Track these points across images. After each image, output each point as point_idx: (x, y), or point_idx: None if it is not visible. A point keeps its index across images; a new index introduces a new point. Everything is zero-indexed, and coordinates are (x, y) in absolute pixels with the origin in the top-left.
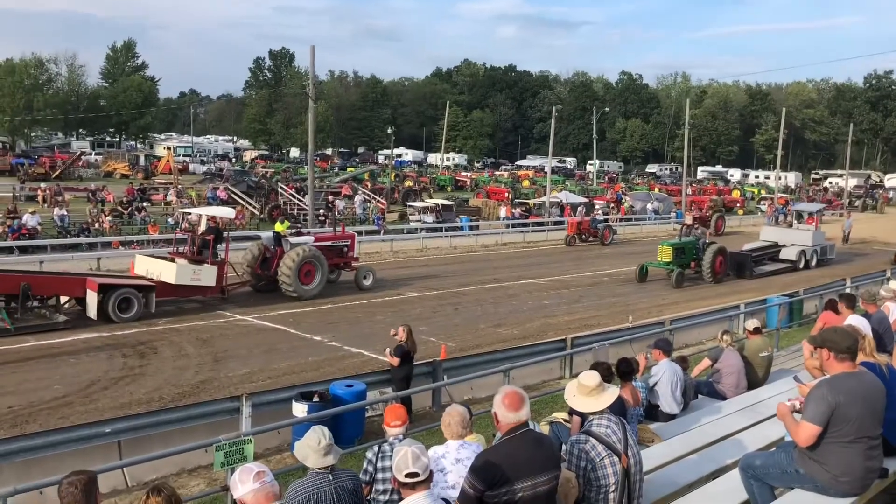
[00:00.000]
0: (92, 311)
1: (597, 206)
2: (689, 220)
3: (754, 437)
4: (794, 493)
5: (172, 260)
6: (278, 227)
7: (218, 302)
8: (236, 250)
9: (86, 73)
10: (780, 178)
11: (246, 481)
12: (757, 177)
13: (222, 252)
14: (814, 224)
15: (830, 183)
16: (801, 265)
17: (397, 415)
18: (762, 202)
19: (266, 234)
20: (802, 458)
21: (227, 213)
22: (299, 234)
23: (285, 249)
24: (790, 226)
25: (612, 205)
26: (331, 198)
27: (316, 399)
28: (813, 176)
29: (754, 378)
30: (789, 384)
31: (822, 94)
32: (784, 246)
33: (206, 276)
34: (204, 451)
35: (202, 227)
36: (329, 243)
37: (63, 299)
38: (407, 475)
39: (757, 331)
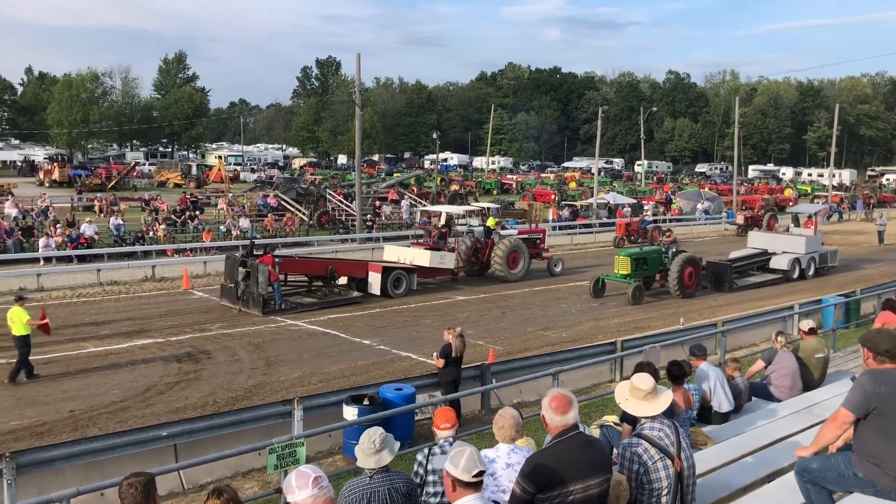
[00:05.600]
0: (375, 288)
1: (645, 207)
2: (740, 220)
3: (810, 439)
4: (853, 498)
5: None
6: (490, 222)
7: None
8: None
9: (139, 85)
10: (833, 176)
11: (304, 486)
12: (810, 174)
13: (452, 242)
14: (812, 228)
15: (887, 179)
16: (795, 275)
17: (447, 417)
18: (816, 200)
19: (478, 229)
20: (861, 461)
21: (458, 210)
22: (503, 228)
23: (495, 240)
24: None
25: (660, 205)
26: (378, 203)
27: (366, 402)
28: (869, 172)
29: (810, 380)
30: (846, 386)
31: (878, 89)
32: (774, 254)
33: (447, 260)
34: (257, 454)
35: (442, 221)
36: (526, 236)
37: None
38: (475, 475)
39: (812, 331)
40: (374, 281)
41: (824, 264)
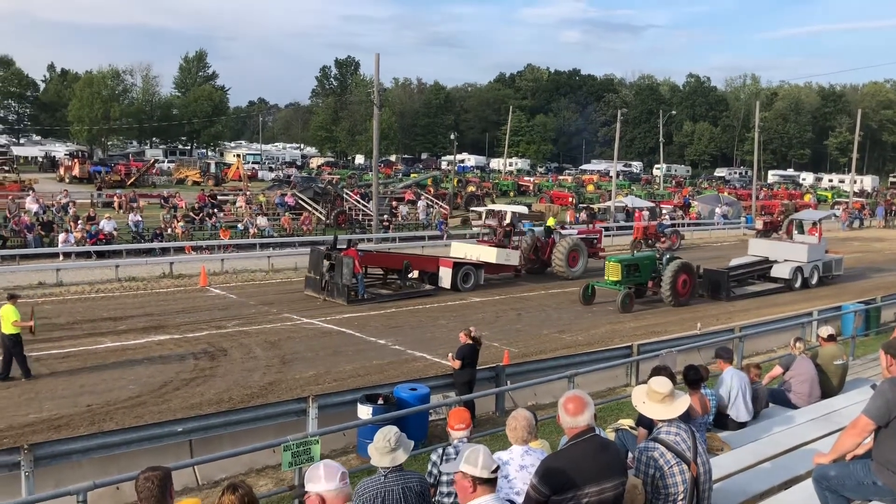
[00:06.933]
0: (446, 282)
1: (663, 211)
2: (759, 225)
3: (828, 447)
4: None
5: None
6: (550, 221)
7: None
8: (302, 255)
9: (159, 83)
10: (855, 182)
11: (332, 479)
12: (831, 180)
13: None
14: (816, 235)
15: None
16: (798, 284)
17: (461, 418)
18: (836, 206)
19: (538, 228)
20: (881, 470)
21: (522, 209)
22: (563, 227)
23: (555, 240)
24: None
25: (678, 209)
26: (394, 203)
27: (380, 402)
28: (891, 179)
29: (828, 387)
30: (865, 393)
31: None
32: (776, 261)
33: (512, 257)
34: (272, 451)
35: (507, 221)
36: (584, 236)
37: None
38: (493, 471)
39: (831, 338)
40: (445, 275)
41: (828, 273)
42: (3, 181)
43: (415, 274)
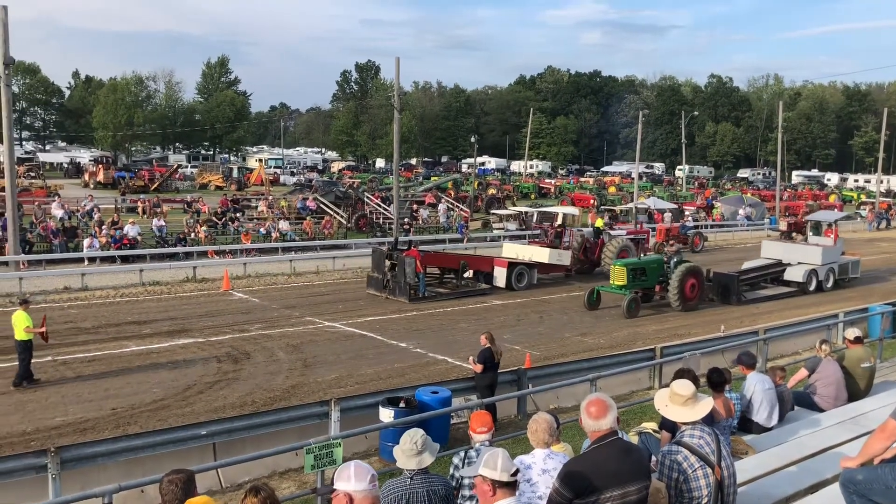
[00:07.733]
0: (501, 281)
1: (686, 213)
2: (783, 226)
3: (856, 451)
4: None
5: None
6: (598, 222)
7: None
8: (324, 258)
9: (182, 89)
10: (881, 182)
11: (362, 480)
12: (856, 181)
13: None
14: (832, 237)
15: None
16: (812, 287)
17: (483, 421)
18: (862, 207)
19: (587, 229)
20: None
21: (574, 211)
22: (612, 228)
23: (605, 240)
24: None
25: (701, 211)
26: (415, 207)
27: (402, 405)
28: None
29: (855, 390)
30: (894, 396)
31: None
32: (789, 264)
33: (564, 257)
34: (294, 454)
35: (558, 221)
36: (633, 236)
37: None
38: (512, 474)
39: (858, 340)
40: (500, 275)
41: (844, 276)
42: (29, 187)
43: (470, 273)
